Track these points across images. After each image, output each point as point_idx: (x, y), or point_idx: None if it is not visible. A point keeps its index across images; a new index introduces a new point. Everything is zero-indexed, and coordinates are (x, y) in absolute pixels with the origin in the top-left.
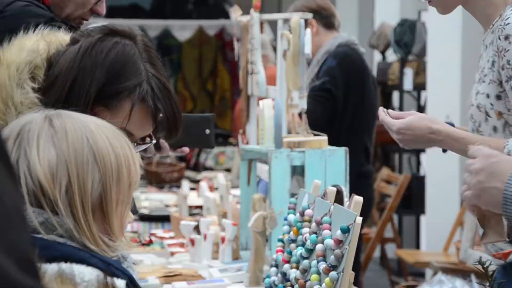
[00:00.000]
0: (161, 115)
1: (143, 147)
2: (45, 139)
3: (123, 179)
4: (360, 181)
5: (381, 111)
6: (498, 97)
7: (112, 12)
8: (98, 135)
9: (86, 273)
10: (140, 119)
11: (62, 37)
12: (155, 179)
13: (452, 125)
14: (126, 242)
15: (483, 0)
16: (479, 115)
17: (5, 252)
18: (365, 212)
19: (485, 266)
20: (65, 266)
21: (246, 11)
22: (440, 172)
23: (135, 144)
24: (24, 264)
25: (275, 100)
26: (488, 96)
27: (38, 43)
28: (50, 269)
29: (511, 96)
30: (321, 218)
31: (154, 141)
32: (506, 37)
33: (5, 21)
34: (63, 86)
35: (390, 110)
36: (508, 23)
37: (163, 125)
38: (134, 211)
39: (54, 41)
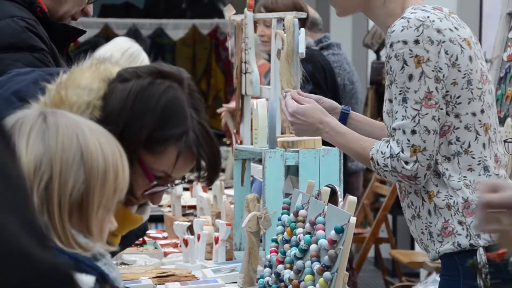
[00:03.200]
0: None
1: (174, 187)
2: (36, 133)
3: (109, 183)
4: (348, 180)
5: (292, 91)
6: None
7: (106, 11)
8: (89, 135)
9: None
10: (183, 165)
11: (109, 68)
12: None
13: (347, 110)
14: (104, 244)
15: (382, 11)
16: (388, 120)
17: (23, 231)
18: None
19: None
20: None
21: (240, 10)
22: None
23: (169, 185)
24: (41, 240)
25: (269, 99)
26: (390, 101)
27: (93, 81)
28: None
29: (394, 102)
30: (315, 218)
31: (185, 181)
32: (391, 45)
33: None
34: (114, 130)
35: (299, 90)
36: (393, 31)
37: (203, 171)
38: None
39: (105, 74)
